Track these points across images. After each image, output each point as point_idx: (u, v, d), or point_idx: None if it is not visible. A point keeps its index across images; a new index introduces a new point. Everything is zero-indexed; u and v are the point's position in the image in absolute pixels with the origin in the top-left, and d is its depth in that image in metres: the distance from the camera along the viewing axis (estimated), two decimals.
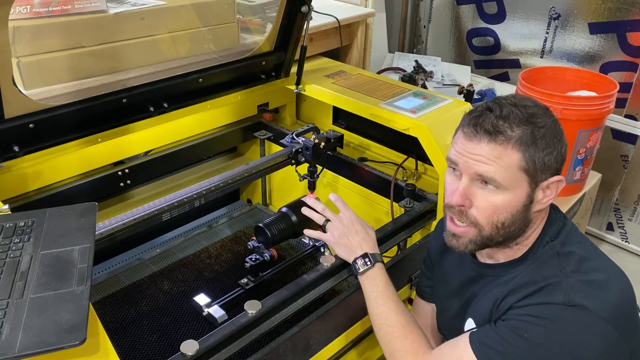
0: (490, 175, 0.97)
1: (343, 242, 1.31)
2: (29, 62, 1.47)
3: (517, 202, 0.99)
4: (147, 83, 1.64)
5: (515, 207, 0.99)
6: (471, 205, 1.01)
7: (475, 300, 1.12)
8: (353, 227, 1.31)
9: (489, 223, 1.01)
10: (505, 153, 0.96)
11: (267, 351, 1.16)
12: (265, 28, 2.05)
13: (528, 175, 0.97)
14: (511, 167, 0.96)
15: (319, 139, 1.69)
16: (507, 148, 0.96)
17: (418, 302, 1.37)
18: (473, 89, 2.59)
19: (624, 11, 2.49)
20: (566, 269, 0.99)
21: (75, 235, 1.04)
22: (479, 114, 0.99)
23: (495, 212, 0.99)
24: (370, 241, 1.30)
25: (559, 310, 0.94)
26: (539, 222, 1.06)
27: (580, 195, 2.32)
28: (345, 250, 1.30)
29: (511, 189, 0.98)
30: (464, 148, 1.00)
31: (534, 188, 0.99)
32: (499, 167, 0.96)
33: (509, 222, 1.00)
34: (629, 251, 2.80)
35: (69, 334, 0.83)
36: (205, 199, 1.61)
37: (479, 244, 1.04)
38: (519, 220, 1.01)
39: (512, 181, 0.97)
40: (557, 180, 1.00)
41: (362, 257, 1.25)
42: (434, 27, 3.31)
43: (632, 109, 2.55)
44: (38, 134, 1.44)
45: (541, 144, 0.96)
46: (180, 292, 1.61)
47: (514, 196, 0.98)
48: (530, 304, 0.97)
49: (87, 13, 1.57)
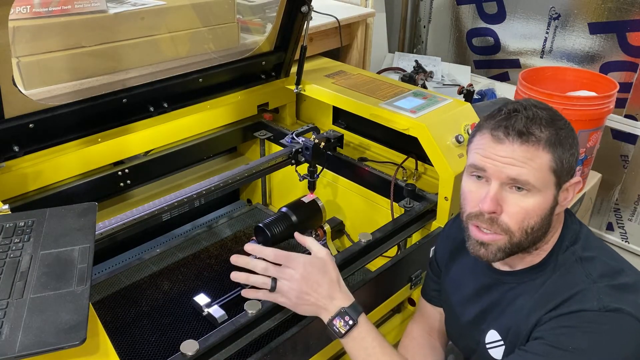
0: (524, 178, 0.94)
1: (305, 302, 1.06)
2: (29, 62, 1.47)
3: (546, 205, 0.97)
4: (147, 83, 1.64)
5: (545, 210, 0.97)
6: (502, 211, 0.97)
7: (497, 310, 1.09)
8: (311, 279, 1.04)
9: (520, 229, 0.97)
10: (537, 154, 0.94)
11: (267, 351, 1.16)
12: (265, 28, 2.05)
13: (556, 177, 0.96)
14: (542, 169, 0.95)
15: (319, 139, 1.69)
16: (538, 149, 0.94)
17: (424, 305, 1.36)
18: (473, 89, 2.59)
19: (624, 11, 2.49)
20: (592, 274, 0.98)
21: (75, 235, 1.04)
22: (506, 116, 0.97)
23: (527, 217, 0.96)
24: (338, 288, 1.06)
25: (595, 316, 0.93)
26: (557, 225, 1.04)
27: (580, 195, 2.32)
28: (311, 309, 1.07)
29: (543, 191, 0.96)
30: (492, 152, 0.96)
31: (558, 190, 0.98)
32: (532, 169, 0.94)
33: (537, 226, 0.98)
34: (629, 251, 2.80)
35: (69, 334, 0.83)
36: (205, 199, 1.61)
37: (508, 251, 1.00)
38: (546, 223, 0.99)
39: (543, 183, 0.95)
40: (576, 181, 1.00)
41: (340, 317, 1.03)
42: (434, 27, 3.31)
43: (632, 109, 2.55)
44: (38, 134, 1.44)
45: (566, 145, 0.96)
46: (180, 292, 1.61)
47: (543, 199, 0.96)
48: (562, 314, 0.95)
49: (87, 13, 1.57)
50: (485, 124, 1.00)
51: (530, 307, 1.01)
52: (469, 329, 1.17)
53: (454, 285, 1.23)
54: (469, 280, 1.18)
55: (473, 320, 1.15)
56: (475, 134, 1.02)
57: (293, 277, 1.05)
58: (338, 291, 1.06)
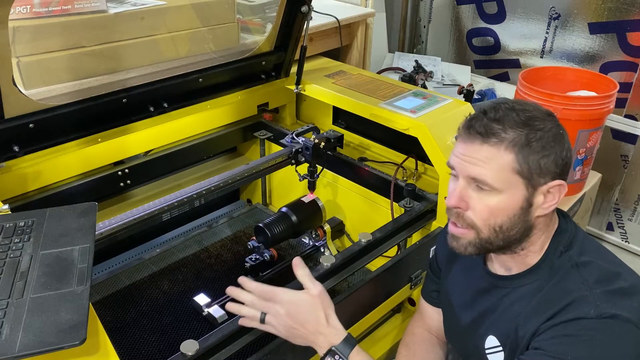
0: (482, 178, 0.96)
1: (295, 336, 1.06)
2: (29, 62, 1.47)
3: (514, 205, 0.97)
4: (147, 83, 1.64)
5: (512, 210, 0.98)
6: (467, 207, 1.00)
7: (494, 315, 1.09)
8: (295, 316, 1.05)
9: (486, 226, 0.99)
10: (497, 155, 0.95)
11: (267, 351, 1.16)
12: (265, 28, 2.05)
13: (523, 178, 0.96)
14: (503, 169, 0.95)
15: (319, 139, 1.69)
16: (499, 150, 0.95)
17: (424, 305, 1.36)
18: (473, 89, 2.59)
19: (624, 11, 2.49)
20: (589, 280, 0.97)
21: (75, 235, 1.04)
22: (474, 117, 1.00)
23: (492, 215, 0.98)
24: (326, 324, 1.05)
25: (593, 324, 0.92)
26: (544, 228, 1.04)
27: (580, 195, 2.32)
28: (302, 342, 1.07)
29: (505, 191, 0.96)
30: (459, 151, 1.00)
31: (532, 192, 0.97)
32: (491, 170, 0.96)
33: (507, 226, 0.99)
34: (629, 251, 2.80)
35: (69, 334, 0.83)
36: (205, 199, 1.61)
37: (479, 246, 1.02)
38: (519, 224, 0.99)
39: (504, 183, 0.96)
40: (557, 184, 0.98)
41: (330, 355, 1.04)
42: (434, 27, 3.31)
43: (632, 109, 2.55)
44: (38, 134, 1.44)
45: (536, 147, 0.95)
46: (180, 292, 1.61)
47: (509, 199, 0.97)
48: (560, 323, 0.95)
49: (87, 13, 1.57)
50: (460, 124, 1.04)
51: (528, 314, 1.01)
52: (466, 333, 1.17)
53: (453, 286, 1.23)
54: (467, 283, 1.18)
55: (471, 324, 1.15)
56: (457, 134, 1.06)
57: (278, 312, 1.05)
58: (326, 327, 1.05)
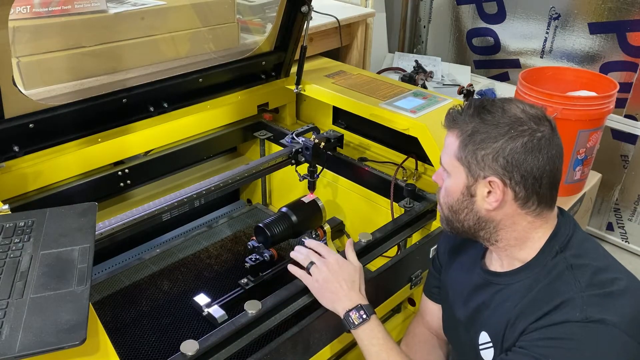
0: (442, 161, 1.07)
1: (327, 289, 1.20)
2: (29, 62, 1.47)
3: (457, 189, 1.04)
4: (147, 83, 1.64)
5: (456, 194, 1.05)
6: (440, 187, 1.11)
7: (487, 312, 1.10)
8: (337, 272, 1.21)
9: (444, 203, 1.09)
10: (451, 141, 1.04)
11: (267, 351, 1.16)
12: (265, 28, 2.05)
13: (463, 165, 1.01)
14: (451, 154, 1.04)
15: (319, 139, 1.69)
16: (452, 136, 1.04)
17: (425, 301, 1.36)
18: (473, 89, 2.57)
19: (624, 11, 2.50)
20: (581, 283, 0.97)
21: (75, 235, 1.04)
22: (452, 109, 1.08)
23: (446, 195, 1.07)
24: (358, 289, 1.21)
25: (577, 328, 0.92)
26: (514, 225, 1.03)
27: (580, 195, 2.32)
28: (331, 297, 1.19)
29: (452, 175, 1.05)
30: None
31: (472, 181, 1.01)
32: (446, 154, 1.06)
33: (455, 208, 1.06)
34: (629, 251, 2.80)
35: (69, 334, 0.83)
36: (205, 199, 1.61)
37: (445, 223, 1.12)
38: (465, 208, 1.04)
39: (451, 167, 1.04)
40: (494, 180, 0.98)
41: (357, 310, 1.16)
42: (434, 27, 3.31)
43: (632, 109, 2.55)
44: (38, 134, 1.44)
45: (478, 138, 0.98)
46: (180, 292, 1.61)
47: (454, 182, 1.05)
48: (546, 325, 0.95)
49: (87, 13, 1.57)
50: None
51: (518, 312, 1.01)
52: (462, 328, 1.18)
53: (452, 283, 1.24)
54: (465, 280, 1.19)
55: (466, 320, 1.16)
56: None
57: (324, 265, 1.22)
58: (357, 292, 1.20)
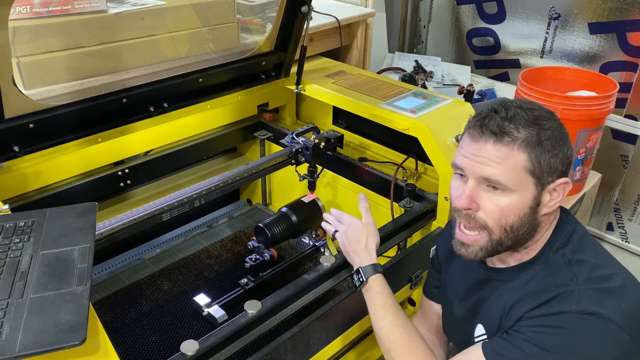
0: (496, 178, 0.96)
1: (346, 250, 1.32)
2: (29, 62, 1.47)
3: (524, 205, 0.98)
4: (147, 83, 1.64)
5: (523, 210, 0.98)
6: (478, 208, 1.00)
7: (484, 305, 1.11)
8: (349, 234, 1.31)
9: (497, 226, 1.00)
10: (510, 154, 0.96)
11: (267, 351, 1.16)
12: (265, 28, 2.05)
13: (534, 177, 0.97)
14: (516, 169, 0.96)
15: (319, 139, 1.69)
16: (512, 149, 0.96)
17: (425, 301, 1.37)
18: (473, 89, 2.59)
19: (624, 11, 2.49)
20: (578, 277, 0.98)
21: (75, 235, 1.04)
22: (484, 116, 0.99)
23: (503, 215, 0.98)
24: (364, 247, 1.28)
25: (573, 318, 0.93)
26: (547, 225, 1.04)
27: (580, 195, 2.32)
28: (349, 258, 1.31)
29: (517, 191, 0.97)
30: (469, 151, 1.00)
31: (540, 190, 0.98)
32: (505, 169, 0.96)
33: (517, 225, 0.99)
34: (629, 251, 2.80)
35: (69, 334, 0.83)
36: (205, 199, 1.61)
37: (489, 250, 1.03)
38: (528, 223, 1.00)
39: (517, 183, 0.96)
40: (563, 182, 0.99)
41: (356, 273, 1.25)
42: (434, 27, 3.31)
43: (632, 109, 2.55)
44: (38, 134, 1.44)
45: (547, 146, 0.96)
46: (180, 292, 1.61)
47: (520, 198, 0.97)
48: (542, 314, 0.96)
49: (87, 13, 1.57)
50: (468, 123, 1.04)
51: (514, 302, 1.02)
52: (461, 324, 1.18)
53: (451, 281, 1.24)
54: (464, 277, 1.20)
55: (464, 316, 1.17)
56: (463, 133, 1.05)
57: (342, 230, 1.34)
58: (363, 249, 1.27)
